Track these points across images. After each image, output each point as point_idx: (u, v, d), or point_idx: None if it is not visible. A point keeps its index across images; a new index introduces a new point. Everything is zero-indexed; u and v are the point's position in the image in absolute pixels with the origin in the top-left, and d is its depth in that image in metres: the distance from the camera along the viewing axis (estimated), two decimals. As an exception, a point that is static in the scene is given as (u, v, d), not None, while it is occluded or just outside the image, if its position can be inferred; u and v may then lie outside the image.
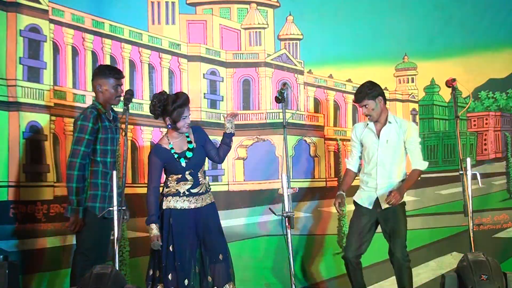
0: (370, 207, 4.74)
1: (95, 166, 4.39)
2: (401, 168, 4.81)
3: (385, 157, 4.73)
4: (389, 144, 4.73)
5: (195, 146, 4.49)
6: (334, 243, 5.80)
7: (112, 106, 4.56)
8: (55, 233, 5.12)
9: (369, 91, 4.68)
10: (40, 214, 5.09)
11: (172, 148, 4.44)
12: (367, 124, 4.83)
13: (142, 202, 4.53)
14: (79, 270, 4.25)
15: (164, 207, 4.41)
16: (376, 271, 5.53)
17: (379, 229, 4.82)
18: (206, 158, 4.62)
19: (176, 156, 4.42)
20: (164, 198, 4.43)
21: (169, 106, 4.34)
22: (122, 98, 4.45)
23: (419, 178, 4.93)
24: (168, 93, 4.48)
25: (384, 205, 4.68)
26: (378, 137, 4.75)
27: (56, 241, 5.12)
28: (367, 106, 4.70)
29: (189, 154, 4.45)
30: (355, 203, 4.86)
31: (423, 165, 4.79)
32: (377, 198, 4.74)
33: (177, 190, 4.42)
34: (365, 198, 4.80)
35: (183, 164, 4.41)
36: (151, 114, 4.43)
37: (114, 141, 4.52)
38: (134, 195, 5.36)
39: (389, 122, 4.75)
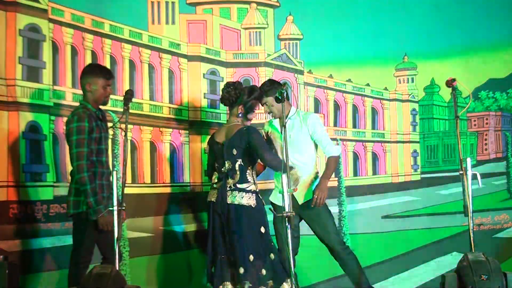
0: None
1: (91, 167, 4.36)
2: (310, 161, 4.75)
3: (291, 152, 4.60)
4: (293, 138, 4.68)
5: None
6: (334, 243, 5.78)
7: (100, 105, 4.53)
8: (55, 233, 5.12)
9: (267, 88, 4.65)
10: (40, 214, 5.08)
11: None
12: (272, 121, 4.83)
13: (142, 202, 4.51)
14: (75, 270, 4.25)
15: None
16: (376, 271, 5.53)
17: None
18: None
19: None
20: (258, 195, 4.52)
21: (245, 96, 4.50)
22: (109, 99, 4.45)
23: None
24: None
25: (301, 200, 4.65)
26: (281, 134, 4.69)
27: (56, 241, 5.11)
28: (267, 103, 4.69)
29: None
30: (272, 203, 4.82)
31: (336, 150, 4.74)
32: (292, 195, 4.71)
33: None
34: (280, 196, 4.74)
35: None
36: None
37: (106, 140, 4.49)
38: (134, 195, 5.36)
39: (289, 118, 4.70)
